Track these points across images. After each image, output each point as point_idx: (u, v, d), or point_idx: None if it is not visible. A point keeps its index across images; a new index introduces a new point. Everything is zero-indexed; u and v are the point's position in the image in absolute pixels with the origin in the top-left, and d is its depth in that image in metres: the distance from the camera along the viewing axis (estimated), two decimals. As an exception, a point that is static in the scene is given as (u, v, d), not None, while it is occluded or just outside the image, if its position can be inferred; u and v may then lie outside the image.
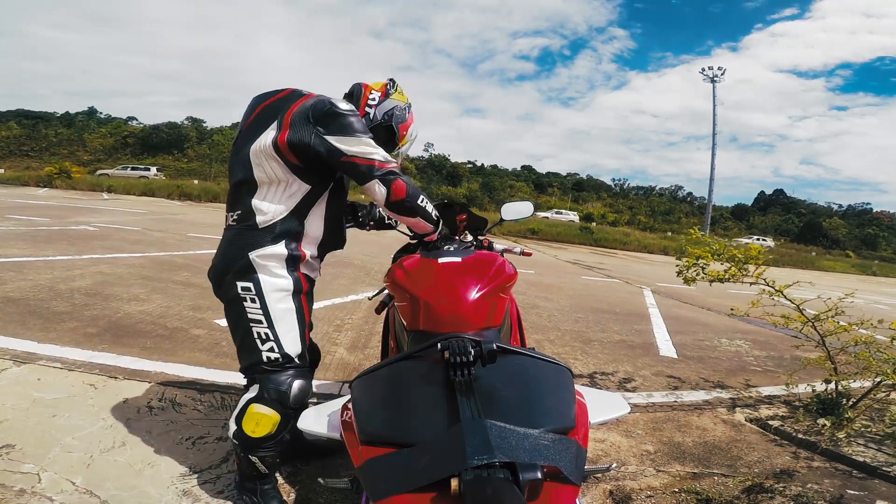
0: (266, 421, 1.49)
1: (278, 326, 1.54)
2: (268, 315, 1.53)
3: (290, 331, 1.55)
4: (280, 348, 1.54)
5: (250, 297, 1.52)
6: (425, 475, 0.75)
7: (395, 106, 1.77)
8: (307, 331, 1.64)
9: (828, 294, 3.09)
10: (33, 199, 14.27)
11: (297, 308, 1.58)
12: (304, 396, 1.56)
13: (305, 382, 1.57)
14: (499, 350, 0.95)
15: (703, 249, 3.01)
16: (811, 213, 59.27)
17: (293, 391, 1.52)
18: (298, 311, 1.59)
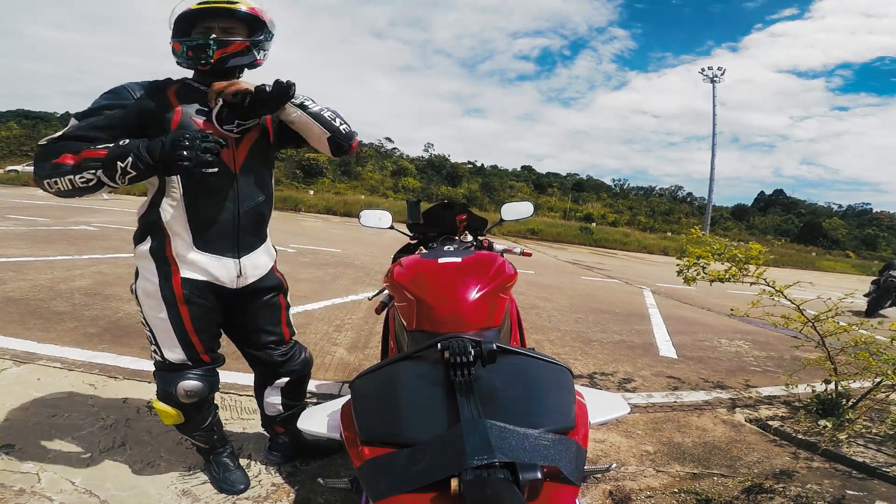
0: (166, 415, 1.54)
1: (156, 334, 1.49)
2: (146, 320, 1.50)
3: (167, 340, 1.49)
4: (161, 353, 1.51)
5: (137, 300, 1.51)
6: (425, 475, 0.75)
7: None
8: (196, 339, 1.51)
9: (828, 294, 3.09)
10: (33, 199, 14.26)
11: (171, 315, 1.45)
12: (195, 396, 1.52)
13: (193, 383, 1.51)
14: (499, 350, 0.95)
15: (704, 249, 3.01)
16: (811, 214, 59.28)
17: (179, 391, 1.50)
18: (173, 317, 1.45)
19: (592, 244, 22.41)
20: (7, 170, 28.71)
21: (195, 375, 1.53)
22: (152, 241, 1.46)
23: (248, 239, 1.54)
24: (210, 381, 1.58)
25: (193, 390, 1.52)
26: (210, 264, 1.47)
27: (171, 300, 1.45)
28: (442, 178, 47.98)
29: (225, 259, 1.50)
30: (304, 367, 1.79)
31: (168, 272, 1.45)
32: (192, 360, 1.52)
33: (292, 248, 8.24)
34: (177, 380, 1.51)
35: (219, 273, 1.49)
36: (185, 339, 1.49)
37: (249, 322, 1.67)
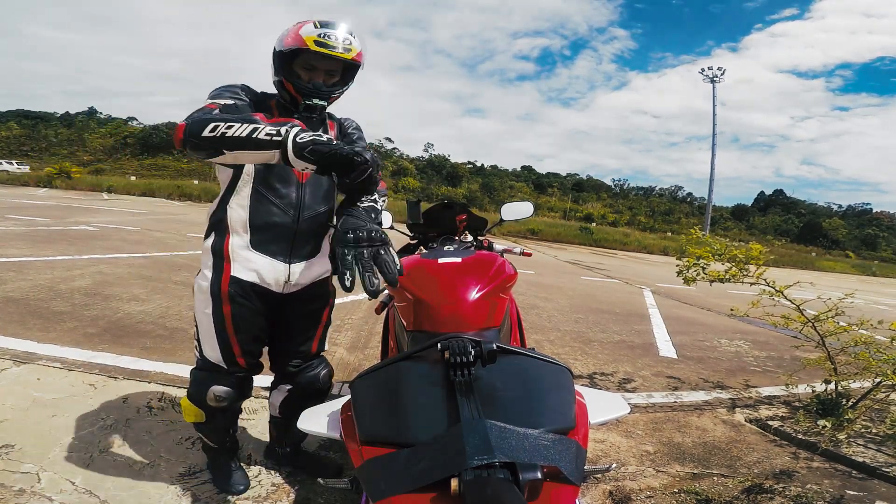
0: (191, 413, 1.58)
1: (200, 329, 1.53)
2: (195, 314, 1.54)
3: (208, 337, 1.51)
4: (200, 351, 1.55)
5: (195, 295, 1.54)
6: (425, 475, 0.75)
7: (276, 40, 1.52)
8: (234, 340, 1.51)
9: (828, 294, 3.09)
10: (33, 199, 14.27)
11: (215, 311, 1.48)
12: (223, 401, 1.53)
13: (224, 389, 1.53)
14: (499, 350, 0.95)
15: (704, 249, 3.01)
16: (811, 214, 59.30)
17: (207, 397, 1.52)
18: (216, 314, 1.48)
19: (592, 244, 22.42)
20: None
21: (226, 381, 1.54)
22: (215, 237, 1.51)
23: (303, 246, 1.55)
24: (241, 387, 1.58)
25: (223, 395, 1.53)
26: (261, 263, 1.49)
27: (217, 296, 1.48)
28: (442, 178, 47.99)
29: (276, 262, 1.51)
30: (311, 382, 1.70)
31: (221, 268, 1.48)
32: (228, 362, 1.53)
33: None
34: (210, 383, 1.53)
35: (267, 274, 1.50)
36: (224, 338, 1.50)
37: (287, 328, 1.66)
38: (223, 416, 1.60)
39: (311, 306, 1.66)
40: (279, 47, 1.46)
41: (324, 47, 1.41)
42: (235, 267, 1.48)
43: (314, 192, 1.54)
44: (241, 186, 1.48)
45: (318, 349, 1.74)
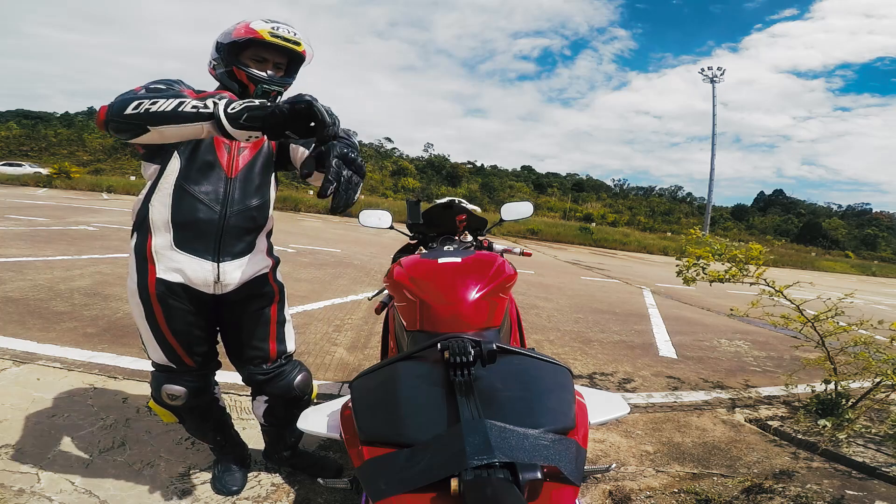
0: (161, 414, 1.61)
1: (140, 332, 1.50)
2: (135, 317, 1.49)
3: (148, 339, 1.49)
4: (147, 352, 1.54)
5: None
6: (425, 475, 0.75)
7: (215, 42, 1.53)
8: (173, 341, 1.48)
9: (827, 294, 3.10)
10: (33, 199, 14.26)
11: (147, 314, 1.44)
12: (177, 400, 1.53)
13: (175, 388, 1.52)
14: (498, 350, 0.95)
15: (704, 249, 3.01)
16: (811, 214, 59.33)
17: (162, 396, 1.53)
18: (149, 317, 1.44)
19: (592, 244, 22.42)
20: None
21: (179, 380, 1.52)
22: (137, 238, 1.45)
23: (233, 243, 1.47)
24: (194, 385, 1.54)
25: (175, 394, 1.52)
26: (186, 264, 1.43)
27: (146, 299, 1.43)
28: (442, 178, 47.99)
29: (203, 261, 1.44)
30: (286, 391, 1.61)
31: (145, 270, 1.43)
32: (175, 363, 1.51)
33: (292, 248, 8.24)
34: (162, 382, 1.53)
35: (194, 275, 1.43)
36: (163, 340, 1.47)
37: (235, 333, 1.60)
38: (190, 414, 1.59)
39: (252, 306, 1.57)
40: (227, 39, 1.46)
41: (277, 38, 1.44)
42: (160, 268, 1.42)
43: (244, 187, 1.48)
44: (163, 183, 1.42)
45: (279, 351, 1.62)
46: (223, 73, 1.50)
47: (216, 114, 1.10)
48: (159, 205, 1.42)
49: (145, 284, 1.42)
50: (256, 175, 1.52)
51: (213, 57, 1.51)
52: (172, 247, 1.42)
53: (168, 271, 1.42)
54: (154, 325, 1.45)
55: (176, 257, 1.42)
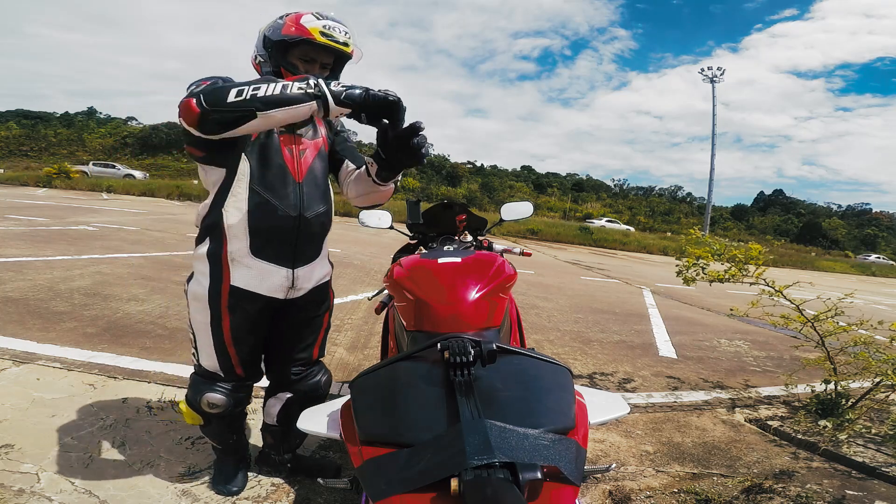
0: (189, 416, 1.57)
1: (197, 336, 1.47)
2: (189, 322, 1.48)
3: (205, 346, 1.46)
4: (197, 357, 1.50)
5: (187, 301, 1.48)
6: (425, 475, 0.75)
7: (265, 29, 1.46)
8: (233, 351, 1.47)
9: (827, 294, 3.10)
10: (32, 199, 14.26)
11: (213, 321, 1.43)
12: (217, 408, 1.50)
13: (218, 397, 1.49)
14: (498, 350, 0.95)
15: (704, 249, 3.01)
16: (810, 214, 59.32)
17: (202, 403, 1.49)
18: (214, 325, 1.43)
19: (592, 244, 22.41)
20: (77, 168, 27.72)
21: (222, 389, 1.50)
22: (210, 244, 1.42)
23: (305, 249, 1.49)
24: (237, 396, 1.54)
25: (217, 403, 1.50)
26: (263, 271, 1.42)
27: (216, 307, 1.41)
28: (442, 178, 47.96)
29: (279, 268, 1.44)
30: (313, 390, 1.66)
31: (219, 277, 1.41)
32: (225, 371, 1.49)
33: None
34: (204, 390, 1.49)
35: (270, 282, 1.44)
36: (223, 348, 1.45)
37: (286, 334, 1.61)
38: (220, 421, 1.57)
39: (313, 312, 1.61)
40: (277, 36, 1.39)
41: (329, 39, 1.38)
42: (235, 276, 1.41)
43: (312, 191, 1.48)
44: (236, 187, 1.39)
45: (319, 355, 1.70)
46: (270, 72, 1.45)
47: (323, 92, 1.12)
48: (234, 210, 1.39)
49: (218, 291, 1.40)
50: (320, 179, 1.53)
51: (260, 52, 1.46)
52: (249, 254, 1.40)
53: (244, 279, 1.41)
54: (217, 332, 1.43)
55: (253, 264, 1.41)
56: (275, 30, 1.40)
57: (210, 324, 1.43)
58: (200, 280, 1.43)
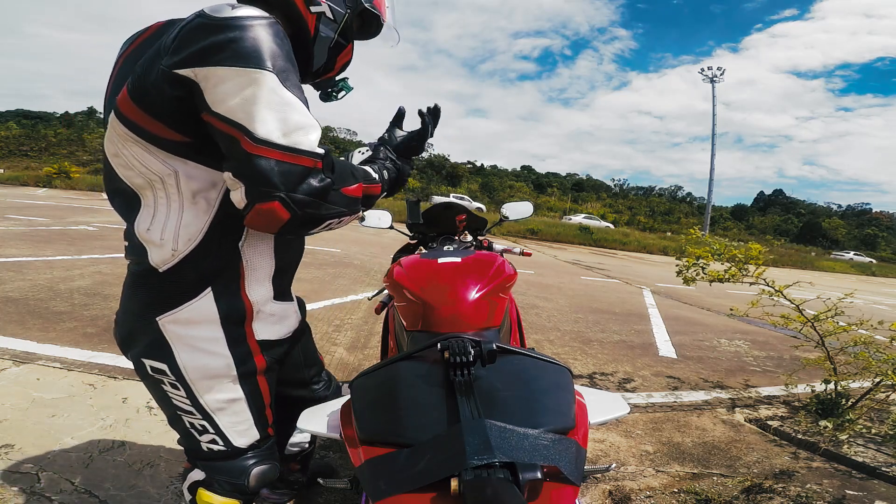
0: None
1: (220, 419, 1.05)
2: (200, 407, 1.02)
3: (238, 423, 1.06)
4: (226, 442, 1.07)
5: (169, 382, 1.00)
6: (425, 475, 0.75)
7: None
8: (269, 411, 1.13)
9: (827, 294, 3.10)
10: (32, 199, 14.26)
11: (250, 394, 1.05)
12: (267, 481, 1.16)
13: (269, 467, 1.14)
14: (498, 350, 0.95)
15: (704, 249, 3.01)
16: (810, 214, 59.34)
17: (252, 481, 1.11)
18: (252, 397, 1.06)
19: (592, 244, 22.42)
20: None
21: (266, 456, 1.14)
22: (220, 300, 0.96)
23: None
24: (277, 458, 1.20)
25: (270, 474, 1.15)
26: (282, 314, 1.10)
27: (250, 376, 1.04)
28: (442, 177, 47.96)
29: (291, 304, 1.15)
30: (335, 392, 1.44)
31: (242, 338, 1.01)
32: (263, 436, 1.13)
33: (292, 248, 8.23)
34: (249, 468, 1.11)
35: (288, 323, 1.12)
36: (261, 415, 1.11)
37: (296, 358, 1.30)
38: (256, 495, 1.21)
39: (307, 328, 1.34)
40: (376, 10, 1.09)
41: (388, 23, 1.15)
42: (259, 329, 1.04)
43: None
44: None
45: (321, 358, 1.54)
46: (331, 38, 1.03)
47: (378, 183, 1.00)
48: (262, 244, 0.99)
49: (248, 358, 1.02)
50: None
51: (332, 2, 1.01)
52: (272, 300, 1.05)
53: (266, 330, 1.05)
54: (256, 402, 1.08)
55: (273, 309, 1.06)
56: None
57: (245, 398, 1.06)
58: (209, 349, 0.98)
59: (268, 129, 0.75)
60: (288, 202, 0.77)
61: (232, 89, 0.75)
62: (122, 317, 1.01)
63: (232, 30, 0.76)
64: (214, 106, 0.76)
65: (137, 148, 0.86)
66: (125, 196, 0.93)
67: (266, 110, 0.75)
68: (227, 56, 0.75)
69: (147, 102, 0.82)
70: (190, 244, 0.91)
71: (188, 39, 0.77)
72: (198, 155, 0.86)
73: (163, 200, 0.89)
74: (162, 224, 0.89)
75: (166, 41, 0.80)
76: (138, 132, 0.84)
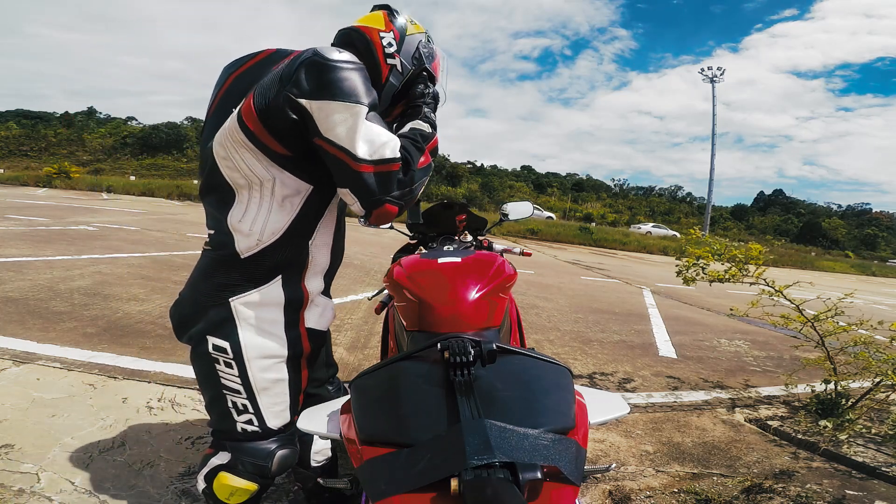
0: (242, 492, 1.21)
1: (261, 399, 1.17)
2: (248, 385, 1.15)
3: (276, 403, 1.19)
4: (261, 422, 1.19)
5: (224, 361, 1.13)
6: (425, 475, 0.75)
7: (419, 41, 1.27)
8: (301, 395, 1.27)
9: (827, 294, 3.10)
10: (32, 198, 14.26)
11: (292, 377, 1.20)
12: (288, 466, 1.25)
13: (290, 451, 1.24)
14: (498, 350, 0.95)
15: (704, 250, 3.01)
16: (810, 214, 59.33)
17: (275, 464, 1.20)
18: (293, 380, 1.20)
19: (592, 244, 22.42)
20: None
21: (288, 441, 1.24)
22: (287, 288, 1.14)
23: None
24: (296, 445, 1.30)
25: (290, 459, 1.24)
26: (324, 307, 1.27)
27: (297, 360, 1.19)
28: (441, 177, 47.96)
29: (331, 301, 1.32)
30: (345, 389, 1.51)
31: (297, 323, 1.18)
32: (291, 423, 1.24)
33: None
34: (274, 451, 1.20)
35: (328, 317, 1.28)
36: (296, 399, 1.23)
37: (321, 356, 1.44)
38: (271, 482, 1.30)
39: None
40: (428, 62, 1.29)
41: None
42: (308, 317, 1.21)
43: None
44: (328, 219, 1.18)
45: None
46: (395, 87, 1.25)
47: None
48: (323, 246, 1.19)
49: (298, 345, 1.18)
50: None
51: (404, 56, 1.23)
52: (321, 293, 1.25)
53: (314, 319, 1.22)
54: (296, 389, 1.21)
55: (320, 301, 1.25)
56: (429, 55, 1.30)
57: (289, 381, 1.19)
58: (271, 331, 1.14)
59: (364, 150, 0.99)
60: (392, 201, 1.04)
61: (339, 120, 0.98)
62: (190, 297, 1.17)
63: (339, 71, 0.99)
64: (326, 133, 0.99)
65: (248, 154, 1.05)
66: (222, 192, 1.11)
67: (362, 135, 0.99)
68: (336, 92, 0.98)
69: (269, 120, 1.01)
70: (273, 237, 1.10)
71: (307, 73, 0.99)
72: (294, 168, 1.07)
73: (256, 199, 1.09)
74: (252, 218, 1.09)
75: (287, 71, 1.01)
76: (254, 141, 1.04)
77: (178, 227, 10.06)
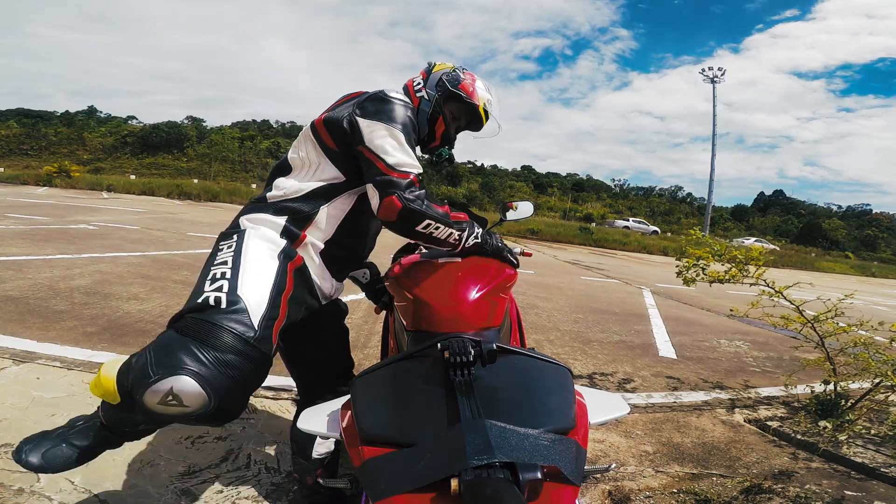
0: (101, 388, 1.11)
1: (244, 265, 1.22)
2: (238, 255, 1.26)
3: (257, 273, 1.23)
4: (232, 287, 1.15)
5: (227, 245, 1.32)
6: (425, 475, 0.75)
7: (442, 73, 1.59)
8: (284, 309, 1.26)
9: (827, 295, 3.10)
10: (33, 197, 14.26)
11: (280, 269, 1.30)
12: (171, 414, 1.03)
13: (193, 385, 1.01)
14: (499, 350, 0.95)
15: (704, 250, 3.01)
16: (811, 214, 59.27)
17: (162, 383, 1.00)
18: (280, 272, 1.29)
19: (592, 244, 22.42)
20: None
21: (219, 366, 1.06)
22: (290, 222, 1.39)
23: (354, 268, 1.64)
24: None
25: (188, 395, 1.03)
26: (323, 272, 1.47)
27: (285, 260, 1.33)
28: (442, 177, 47.94)
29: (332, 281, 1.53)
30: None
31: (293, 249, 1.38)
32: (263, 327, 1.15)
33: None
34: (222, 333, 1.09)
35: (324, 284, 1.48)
36: (275, 305, 1.21)
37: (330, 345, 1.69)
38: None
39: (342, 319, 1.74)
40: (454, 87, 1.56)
41: (486, 115, 1.63)
42: (305, 257, 1.42)
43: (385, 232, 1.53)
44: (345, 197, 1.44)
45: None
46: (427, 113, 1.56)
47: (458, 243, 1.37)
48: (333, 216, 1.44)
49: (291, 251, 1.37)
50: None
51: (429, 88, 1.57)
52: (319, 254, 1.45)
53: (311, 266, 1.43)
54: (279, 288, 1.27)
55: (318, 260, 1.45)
56: (453, 80, 1.58)
57: (276, 271, 1.28)
58: (270, 230, 1.37)
59: (392, 160, 1.28)
60: (400, 196, 1.25)
61: (380, 135, 1.31)
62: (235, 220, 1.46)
63: (391, 103, 1.37)
64: (368, 142, 1.32)
65: (309, 144, 1.45)
66: (283, 167, 1.49)
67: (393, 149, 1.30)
68: (384, 117, 1.33)
69: (331, 126, 1.40)
70: (296, 194, 1.42)
71: (370, 101, 1.37)
72: (335, 160, 1.42)
73: (300, 172, 1.45)
74: (290, 181, 1.44)
75: (359, 100, 1.39)
76: (317, 139, 1.43)
77: (179, 227, 10.06)
